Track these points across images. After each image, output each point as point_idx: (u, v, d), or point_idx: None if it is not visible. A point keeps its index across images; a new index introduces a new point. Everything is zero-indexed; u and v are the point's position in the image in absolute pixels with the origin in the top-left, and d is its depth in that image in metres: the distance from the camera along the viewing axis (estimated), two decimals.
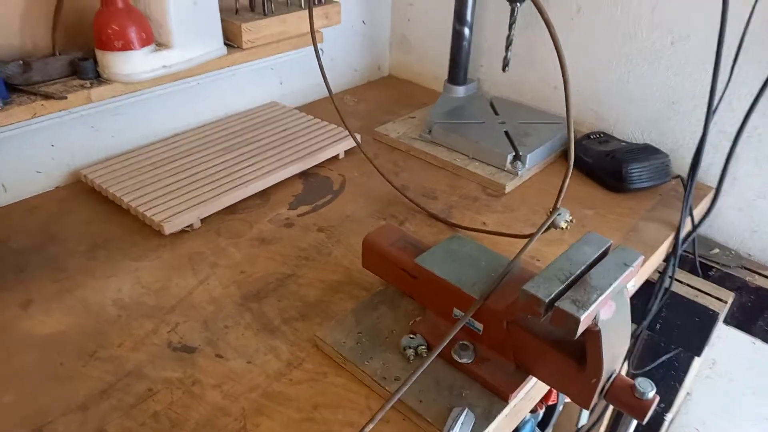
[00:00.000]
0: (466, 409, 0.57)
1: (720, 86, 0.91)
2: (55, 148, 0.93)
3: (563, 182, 0.64)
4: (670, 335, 0.99)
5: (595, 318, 0.51)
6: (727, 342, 1.14)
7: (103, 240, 0.83)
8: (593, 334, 0.52)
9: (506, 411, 0.59)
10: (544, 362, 0.59)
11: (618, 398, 0.55)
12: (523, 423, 0.93)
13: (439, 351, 0.56)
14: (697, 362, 1.08)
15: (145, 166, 0.95)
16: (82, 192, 0.94)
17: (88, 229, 0.85)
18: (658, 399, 0.55)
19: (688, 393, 1.21)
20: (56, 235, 0.84)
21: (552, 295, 0.51)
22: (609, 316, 0.53)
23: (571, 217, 0.68)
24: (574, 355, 0.56)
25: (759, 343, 1.07)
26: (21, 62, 0.79)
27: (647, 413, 0.54)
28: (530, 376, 0.61)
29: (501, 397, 0.60)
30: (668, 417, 1.14)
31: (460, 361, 0.62)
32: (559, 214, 0.66)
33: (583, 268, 0.54)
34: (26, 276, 0.76)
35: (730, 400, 1.18)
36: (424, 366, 0.55)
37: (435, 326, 0.65)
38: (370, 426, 0.49)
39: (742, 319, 1.01)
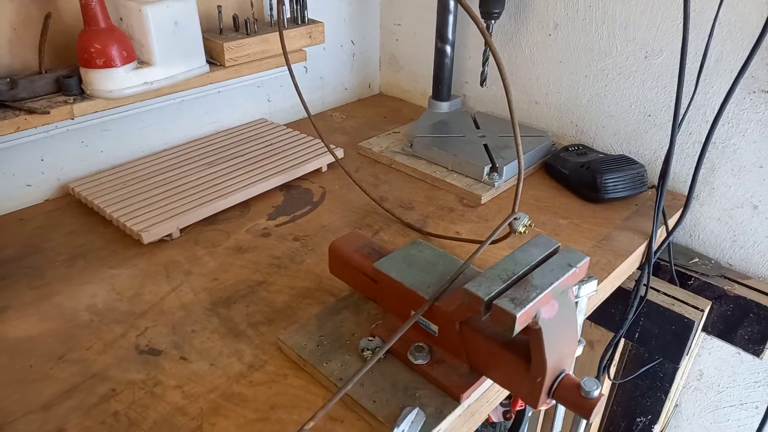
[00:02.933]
0: (417, 408, 0.58)
1: (690, 98, 0.92)
2: (45, 162, 0.96)
3: (517, 187, 0.65)
4: (649, 344, 0.99)
5: (535, 317, 0.52)
6: (713, 353, 1.13)
7: (84, 250, 0.86)
8: (534, 332, 0.53)
9: (458, 411, 0.60)
10: (495, 363, 0.60)
11: (565, 397, 0.56)
12: None
13: (388, 347, 0.57)
14: (681, 373, 1.07)
15: (131, 179, 0.98)
16: (70, 205, 0.97)
17: (70, 240, 0.88)
18: (604, 398, 0.55)
19: (676, 405, 1.20)
20: (40, 246, 0.87)
21: (492, 294, 0.52)
22: (551, 315, 0.54)
23: (529, 221, 0.69)
24: (522, 356, 0.57)
25: (743, 354, 1.06)
26: (8, 80, 0.83)
27: (592, 411, 0.54)
28: (483, 377, 0.62)
29: (453, 398, 0.60)
30: (656, 429, 1.12)
31: (415, 362, 0.63)
32: (516, 218, 0.67)
33: (526, 268, 0.56)
34: (6, 284, 0.79)
35: (719, 412, 1.16)
36: (372, 361, 0.56)
37: (394, 329, 0.66)
38: (311, 423, 0.50)
39: (723, 329, 1.00)
